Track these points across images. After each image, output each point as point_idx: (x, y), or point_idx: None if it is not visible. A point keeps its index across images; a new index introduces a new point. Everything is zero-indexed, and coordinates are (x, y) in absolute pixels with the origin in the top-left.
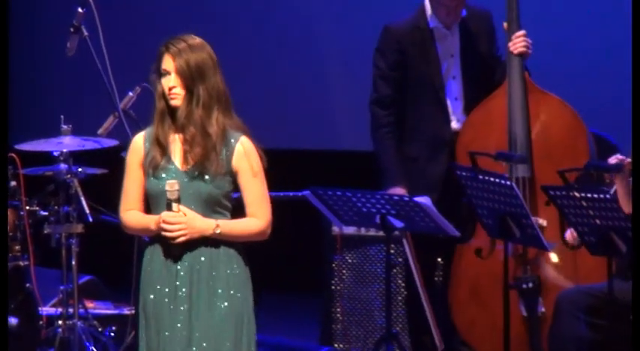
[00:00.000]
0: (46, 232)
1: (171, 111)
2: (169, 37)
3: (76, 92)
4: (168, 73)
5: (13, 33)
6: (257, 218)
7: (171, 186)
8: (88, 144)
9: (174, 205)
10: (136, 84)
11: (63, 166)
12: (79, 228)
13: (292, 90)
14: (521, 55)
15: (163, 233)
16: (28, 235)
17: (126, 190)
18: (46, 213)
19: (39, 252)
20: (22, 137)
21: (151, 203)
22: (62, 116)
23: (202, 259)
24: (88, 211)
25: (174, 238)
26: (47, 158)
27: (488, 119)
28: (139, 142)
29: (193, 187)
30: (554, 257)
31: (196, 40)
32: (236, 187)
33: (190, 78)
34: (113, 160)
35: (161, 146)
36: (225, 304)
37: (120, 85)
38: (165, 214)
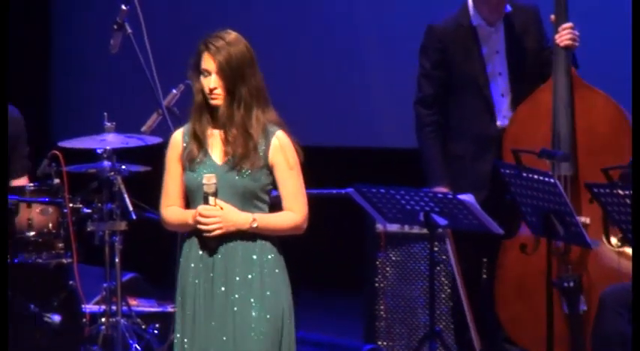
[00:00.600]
0: (89, 229)
1: (210, 106)
2: (207, 35)
3: (120, 89)
4: (208, 73)
5: (56, 31)
6: (293, 212)
7: (209, 179)
8: (132, 141)
9: (211, 199)
10: (179, 81)
11: (106, 163)
12: (122, 225)
13: (336, 88)
14: (567, 48)
15: (199, 226)
16: (72, 233)
17: (166, 186)
18: (89, 210)
19: (82, 249)
20: (65, 134)
21: (189, 197)
22: (106, 113)
23: (238, 252)
24: (131, 209)
25: (209, 231)
26: (91, 155)
27: (535, 114)
28: (177, 137)
29: (231, 181)
30: (613, 240)
31: (232, 35)
32: (274, 183)
33: (232, 79)
34: (156, 158)
35: (198, 140)
36: (261, 299)
37: (163, 82)
38: (201, 208)
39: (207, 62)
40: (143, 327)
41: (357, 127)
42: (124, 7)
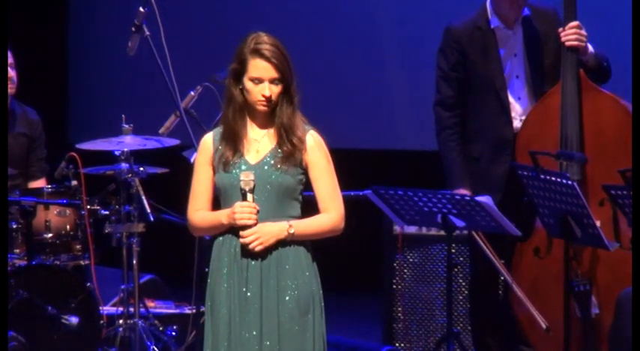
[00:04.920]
0: (106, 231)
1: (249, 109)
2: (251, 41)
3: (138, 91)
4: (260, 80)
5: (73, 33)
6: (329, 213)
7: (247, 176)
8: (149, 143)
9: (249, 196)
10: (197, 83)
11: (124, 165)
12: (140, 227)
13: (354, 90)
14: (573, 48)
15: (237, 222)
16: (89, 235)
17: (194, 190)
18: (106, 212)
19: (99, 251)
20: (83, 136)
21: (221, 198)
22: (123, 115)
23: (271, 255)
24: (149, 211)
25: (247, 244)
26: (108, 157)
27: (545, 117)
28: (207, 141)
29: (267, 179)
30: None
31: (270, 36)
32: (305, 183)
33: (287, 83)
34: (174, 160)
35: (234, 142)
36: (293, 301)
37: (181, 84)
38: (239, 203)
39: (260, 69)
40: (161, 329)
41: (375, 130)
42: (141, 9)
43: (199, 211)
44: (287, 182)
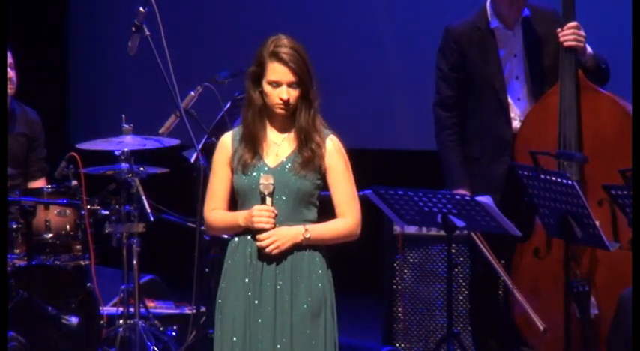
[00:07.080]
0: (107, 231)
1: (268, 111)
2: (270, 44)
3: (138, 91)
4: (278, 84)
5: (74, 33)
6: (345, 218)
7: (266, 179)
8: (150, 143)
9: (268, 199)
10: (197, 83)
11: (124, 165)
12: (140, 227)
13: (354, 90)
14: (571, 49)
15: (255, 225)
16: (89, 235)
17: (212, 189)
18: (107, 212)
19: (100, 251)
20: (83, 136)
21: (239, 200)
22: (123, 115)
23: (286, 258)
24: (149, 211)
25: (264, 248)
26: (108, 157)
27: (544, 117)
28: (226, 140)
29: (286, 183)
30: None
31: (290, 39)
32: (323, 186)
33: (307, 85)
34: (174, 160)
35: (253, 145)
36: (306, 304)
37: (181, 84)
38: (257, 207)
39: (278, 73)
40: (161, 329)
41: (375, 130)
42: (141, 9)
43: (216, 211)
44: (305, 187)
